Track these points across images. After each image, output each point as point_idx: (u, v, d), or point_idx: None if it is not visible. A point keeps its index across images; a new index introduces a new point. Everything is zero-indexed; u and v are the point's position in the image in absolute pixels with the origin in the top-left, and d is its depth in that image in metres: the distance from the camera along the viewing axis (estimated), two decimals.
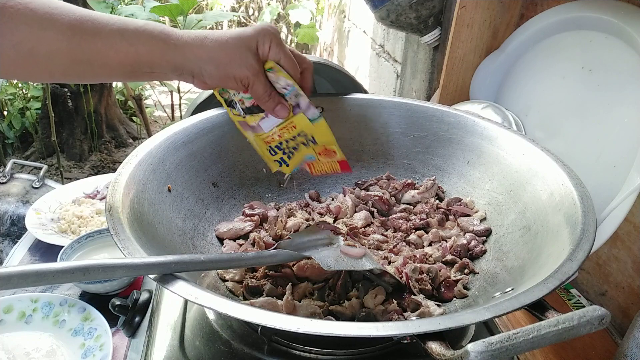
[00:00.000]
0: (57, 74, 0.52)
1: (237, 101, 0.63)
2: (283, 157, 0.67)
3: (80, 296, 0.88)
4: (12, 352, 0.75)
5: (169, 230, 0.59)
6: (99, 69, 0.52)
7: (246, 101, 0.63)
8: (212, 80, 0.57)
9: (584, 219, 0.50)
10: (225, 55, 0.55)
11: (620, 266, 0.76)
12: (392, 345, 0.55)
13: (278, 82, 0.60)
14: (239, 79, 0.57)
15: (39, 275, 0.38)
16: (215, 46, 0.55)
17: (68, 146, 2.64)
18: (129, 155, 0.61)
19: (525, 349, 0.36)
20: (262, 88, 0.59)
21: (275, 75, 0.59)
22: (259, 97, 0.60)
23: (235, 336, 0.56)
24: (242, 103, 0.63)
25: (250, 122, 0.65)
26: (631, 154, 0.68)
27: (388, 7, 1.18)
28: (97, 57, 0.51)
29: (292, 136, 0.65)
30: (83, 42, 0.50)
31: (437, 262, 0.64)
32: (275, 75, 0.59)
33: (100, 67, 0.52)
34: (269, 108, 0.61)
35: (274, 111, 0.61)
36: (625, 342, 0.59)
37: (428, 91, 1.39)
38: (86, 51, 0.50)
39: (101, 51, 0.51)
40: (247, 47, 0.56)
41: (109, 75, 0.54)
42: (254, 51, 0.57)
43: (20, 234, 1.12)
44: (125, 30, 0.52)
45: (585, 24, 0.80)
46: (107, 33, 0.51)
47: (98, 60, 0.51)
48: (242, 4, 3.62)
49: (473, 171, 0.74)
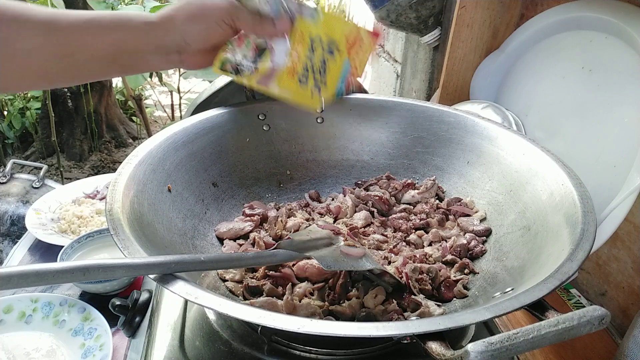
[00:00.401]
0: (41, 74, 0.51)
1: (241, 58, 0.59)
2: (317, 78, 0.61)
3: (80, 296, 0.88)
4: (12, 352, 0.75)
5: (169, 230, 0.59)
6: (82, 63, 0.52)
7: (247, 52, 0.59)
8: (198, 43, 0.56)
9: (584, 219, 0.50)
10: (198, 8, 0.55)
11: (620, 266, 0.76)
12: (392, 345, 0.55)
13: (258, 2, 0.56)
14: (221, 21, 0.56)
15: (39, 275, 0.38)
16: (186, 7, 0.55)
17: (68, 146, 2.65)
18: (129, 155, 0.61)
19: (525, 349, 0.36)
20: (248, 15, 0.56)
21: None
22: (252, 26, 0.57)
23: (235, 336, 0.56)
24: (244, 57, 0.59)
25: (265, 69, 0.60)
26: (631, 154, 0.68)
27: (388, 7, 1.18)
28: (77, 49, 0.50)
29: (309, 47, 0.59)
30: (60, 36, 0.49)
31: (437, 262, 0.64)
32: None
33: (83, 59, 0.51)
34: (268, 30, 0.58)
35: (275, 30, 0.58)
36: (625, 342, 0.59)
37: (428, 91, 1.39)
38: (64, 44, 0.50)
39: (80, 42, 0.50)
40: None
41: (92, 70, 0.53)
42: None
43: (20, 234, 1.12)
44: (102, 20, 0.51)
45: (585, 24, 0.80)
46: (84, 25, 0.51)
47: (78, 52, 0.51)
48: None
49: (473, 171, 0.74)
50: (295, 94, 0.61)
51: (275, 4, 0.57)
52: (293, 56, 0.59)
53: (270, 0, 0.57)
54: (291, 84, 0.61)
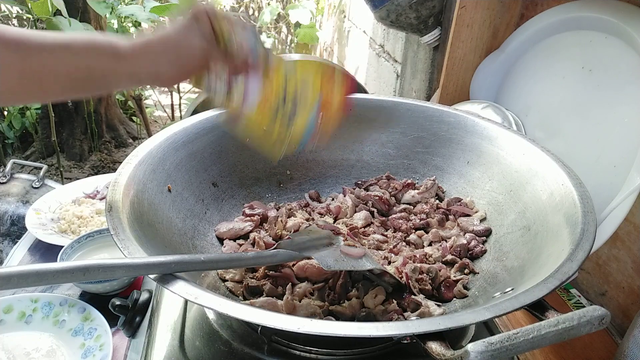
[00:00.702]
0: (8, 94, 0.50)
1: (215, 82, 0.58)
2: (284, 123, 0.59)
3: (80, 296, 0.88)
4: (12, 352, 0.75)
5: (169, 230, 0.59)
6: (50, 85, 0.51)
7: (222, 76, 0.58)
8: (170, 76, 0.55)
9: (584, 219, 0.50)
10: (173, 45, 0.54)
11: (620, 266, 0.76)
12: (392, 345, 0.55)
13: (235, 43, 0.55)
14: (195, 59, 0.55)
15: (39, 275, 0.38)
16: (160, 41, 0.54)
17: (68, 146, 2.64)
18: (129, 155, 0.61)
19: (525, 349, 0.36)
20: (222, 56, 0.56)
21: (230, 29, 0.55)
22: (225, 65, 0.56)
23: (235, 336, 0.56)
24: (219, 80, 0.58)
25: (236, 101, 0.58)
26: (631, 154, 0.68)
27: (388, 7, 1.18)
28: (46, 71, 0.50)
29: (282, 84, 0.58)
30: (30, 56, 0.49)
31: (437, 262, 0.64)
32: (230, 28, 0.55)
33: (50, 81, 0.51)
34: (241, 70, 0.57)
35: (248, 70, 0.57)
36: (625, 342, 0.59)
37: (428, 91, 1.39)
38: (34, 65, 0.49)
39: (49, 65, 0.50)
40: (188, 28, 0.55)
41: (62, 91, 0.53)
42: (196, 29, 0.55)
43: (20, 234, 1.12)
44: (71, 45, 0.51)
45: (585, 24, 0.80)
46: (53, 47, 0.50)
47: (47, 74, 0.50)
48: (242, 4, 3.62)
49: (473, 171, 0.74)
50: (259, 134, 0.60)
51: (254, 46, 0.57)
52: (264, 94, 0.58)
53: (249, 41, 0.56)
54: (256, 125, 0.59)
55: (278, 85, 0.59)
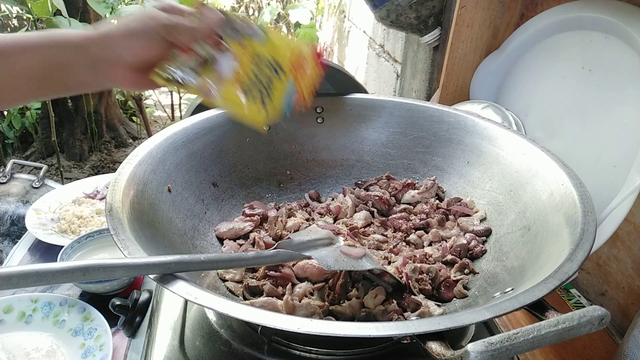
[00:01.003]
0: None
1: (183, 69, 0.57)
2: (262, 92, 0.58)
3: (80, 296, 0.88)
4: (12, 352, 0.75)
5: (169, 230, 0.59)
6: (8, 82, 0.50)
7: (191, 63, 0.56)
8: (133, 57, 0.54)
9: (584, 219, 0.50)
10: (137, 24, 0.53)
11: (620, 266, 0.76)
12: (392, 345, 0.55)
13: None
14: (158, 34, 0.53)
15: (39, 275, 0.38)
16: (125, 23, 0.53)
17: (68, 146, 2.64)
18: (129, 155, 0.61)
19: (525, 349, 0.36)
20: (187, 26, 0.54)
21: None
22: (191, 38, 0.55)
23: (235, 336, 0.56)
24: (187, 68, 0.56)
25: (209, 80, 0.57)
26: (631, 154, 0.68)
27: (388, 7, 1.18)
28: (4, 67, 0.49)
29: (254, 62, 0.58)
30: None
31: (437, 262, 0.64)
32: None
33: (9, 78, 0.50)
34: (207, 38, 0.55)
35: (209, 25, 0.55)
36: (625, 342, 0.59)
37: (428, 91, 1.39)
38: None
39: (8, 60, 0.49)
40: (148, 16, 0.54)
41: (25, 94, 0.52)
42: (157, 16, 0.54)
43: (20, 234, 1.12)
44: (32, 38, 0.51)
45: (585, 24, 0.80)
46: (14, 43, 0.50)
47: (5, 70, 0.50)
48: (242, 4, 3.62)
49: (473, 171, 0.74)
50: (239, 107, 0.58)
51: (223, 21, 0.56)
52: (238, 68, 0.57)
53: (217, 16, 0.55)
54: (235, 96, 0.58)
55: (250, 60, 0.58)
